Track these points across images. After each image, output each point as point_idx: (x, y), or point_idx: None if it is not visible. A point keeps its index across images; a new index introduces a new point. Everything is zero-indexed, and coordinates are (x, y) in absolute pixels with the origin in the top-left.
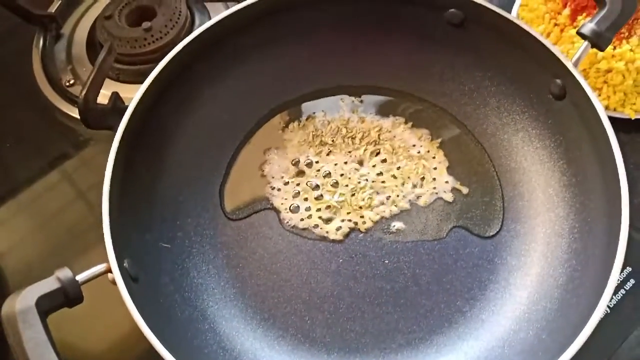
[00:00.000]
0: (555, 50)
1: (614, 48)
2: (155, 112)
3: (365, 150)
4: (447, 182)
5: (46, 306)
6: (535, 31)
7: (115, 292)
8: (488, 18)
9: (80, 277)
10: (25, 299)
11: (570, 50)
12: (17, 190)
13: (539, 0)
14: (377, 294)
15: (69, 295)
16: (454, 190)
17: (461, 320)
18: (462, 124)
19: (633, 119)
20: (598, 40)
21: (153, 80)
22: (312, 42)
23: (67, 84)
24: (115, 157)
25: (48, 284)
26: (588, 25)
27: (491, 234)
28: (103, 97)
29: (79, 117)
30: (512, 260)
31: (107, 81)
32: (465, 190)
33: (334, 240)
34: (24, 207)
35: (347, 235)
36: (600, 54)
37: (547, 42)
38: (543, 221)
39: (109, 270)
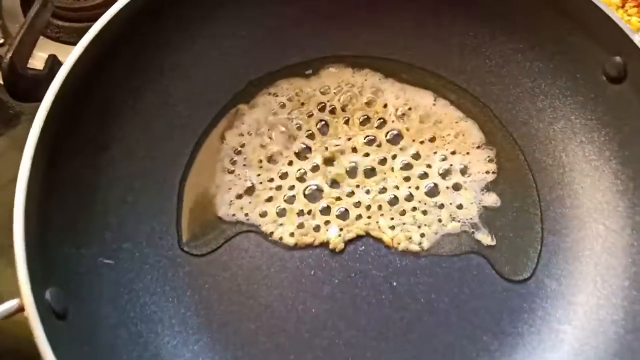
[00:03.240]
0: (616, 18)
1: None
2: (97, 80)
3: (365, 137)
4: (472, 180)
5: None
6: None
7: None
8: None
9: None
10: None
11: None
12: None
13: None
14: (383, 326)
15: None
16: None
17: None
18: (486, 107)
19: None
20: None
21: (95, 37)
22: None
23: None
24: (38, 141)
25: None
26: None
27: (526, 276)
28: (39, 61)
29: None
30: (552, 283)
31: (46, 42)
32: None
33: (330, 251)
34: None
35: (345, 245)
36: None
37: (605, 7)
38: (589, 235)
39: (22, 309)
